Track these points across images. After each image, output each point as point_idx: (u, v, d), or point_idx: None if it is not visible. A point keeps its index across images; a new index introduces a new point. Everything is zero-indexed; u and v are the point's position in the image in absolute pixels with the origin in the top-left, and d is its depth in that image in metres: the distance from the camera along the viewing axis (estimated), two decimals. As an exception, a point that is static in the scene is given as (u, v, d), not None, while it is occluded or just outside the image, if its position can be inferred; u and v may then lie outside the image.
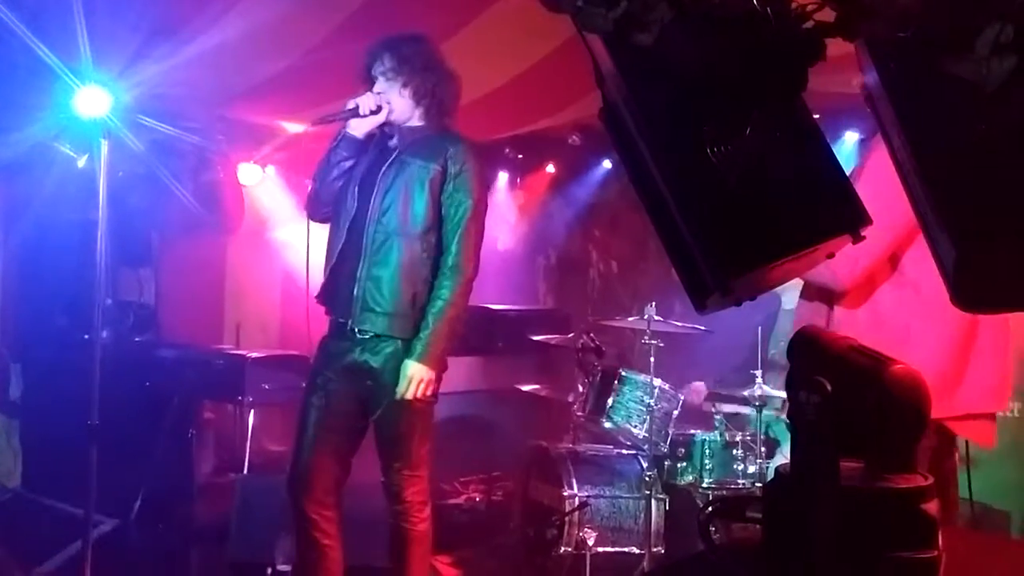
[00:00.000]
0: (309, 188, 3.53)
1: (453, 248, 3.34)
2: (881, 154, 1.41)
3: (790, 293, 4.87)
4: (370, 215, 3.33)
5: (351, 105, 3.33)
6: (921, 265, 2.51)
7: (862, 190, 1.33)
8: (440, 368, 3.35)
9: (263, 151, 6.65)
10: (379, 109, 3.34)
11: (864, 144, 2.93)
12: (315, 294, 3.51)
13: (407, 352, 3.30)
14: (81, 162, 5.38)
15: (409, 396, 3.27)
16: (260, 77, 5.04)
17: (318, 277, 3.51)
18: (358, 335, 3.33)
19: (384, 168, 3.36)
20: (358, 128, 3.37)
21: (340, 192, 3.44)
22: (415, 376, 3.27)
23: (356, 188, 3.39)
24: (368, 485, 3.55)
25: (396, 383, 3.29)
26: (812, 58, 1.21)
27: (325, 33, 4.59)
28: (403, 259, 3.31)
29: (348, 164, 3.40)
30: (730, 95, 1.23)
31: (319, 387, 3.41)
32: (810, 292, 2.78)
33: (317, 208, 3.54)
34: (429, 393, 3.32)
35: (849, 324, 2.58)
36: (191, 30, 4.33)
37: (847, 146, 5.72)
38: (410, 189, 3.32)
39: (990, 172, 1.17)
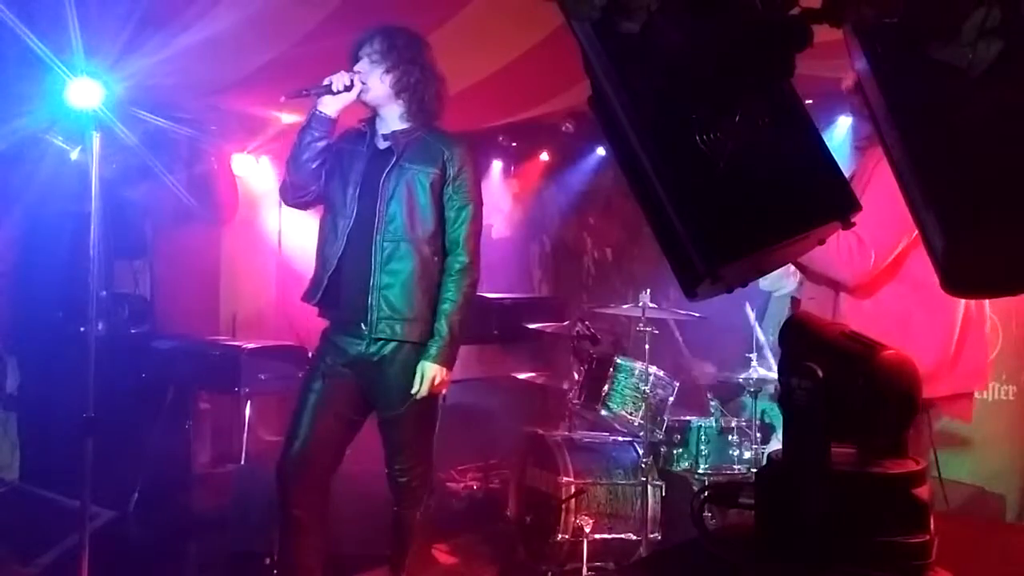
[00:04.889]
0: (283, 173, 3.49)
1: (459, 252, 3.41)
2: None
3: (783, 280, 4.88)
4: (376, 224, 3.34)
5: (325, 82, 3.32)
6: (923, 261, 2.59)
7: (874, 193, 1.33)
8: (453, 365, 3.44)
9: (256, 141, 6.65)
10: (352, 86, 3.32)
11: (857, 148, 3.08)
12: (310, 297, 3.46)
13: (421, 353, 3.36)
14: (74, 154, 5.37)
15: (424, 393, 3.35)
16: (252, 67, 5.03)
17: (303, 269, 3.50)
18: (371, 335, 3.35)
19: (384, 175, 3.35)
20: (329, 106, 3.34)
21: (329, 192, 3.44)
22: (435, 376, 3.35)
23: (354, 192, 3.37)
24: (362, 475, 3.56)
25: (403, 380, 3.35)
26: (799, 44, 1.21)
27: (317, 21, 4.57)
28: (416, 265, 3.35)
29: (320, 145, 3.37)
30: (718, 82, 1.23)
31: (322, 374, 3.43)
32: (817, 276, 2.88)
33: (291, 192, 3.49)
34: (442, 389, 3.43)
35: (855, 315, 2.72)
36: (182, 20, 4.32)
37: (840, 131, 5.70)
38: (414, 195, 3.35)
39: (978, 158, 1.16)
